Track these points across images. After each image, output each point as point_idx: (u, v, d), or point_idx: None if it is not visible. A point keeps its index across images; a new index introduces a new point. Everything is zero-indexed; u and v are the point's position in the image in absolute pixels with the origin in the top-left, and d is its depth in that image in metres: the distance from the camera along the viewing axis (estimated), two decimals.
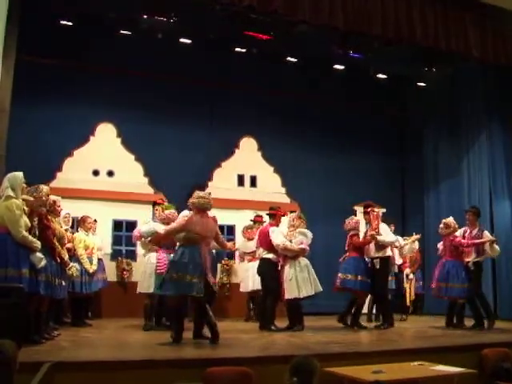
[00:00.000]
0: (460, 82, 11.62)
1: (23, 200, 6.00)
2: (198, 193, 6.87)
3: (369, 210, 9.07)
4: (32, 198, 6.20)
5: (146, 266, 8.25)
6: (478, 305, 8.82)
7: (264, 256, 8.49)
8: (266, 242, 8.46)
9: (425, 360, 5.73)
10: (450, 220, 9.05)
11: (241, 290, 10.22)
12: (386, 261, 9.02)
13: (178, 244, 6.88)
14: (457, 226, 8.98)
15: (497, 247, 8.89)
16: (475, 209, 9.22)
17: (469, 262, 8.83)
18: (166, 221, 8.09)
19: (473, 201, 11.40)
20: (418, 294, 11.69)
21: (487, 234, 8.89)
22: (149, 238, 8.21)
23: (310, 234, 8.60)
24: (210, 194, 7.00)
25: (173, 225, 7.07)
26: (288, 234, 8.45)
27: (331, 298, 9.68)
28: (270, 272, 8.45)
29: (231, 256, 11.23)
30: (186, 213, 7.28)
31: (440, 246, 9.29)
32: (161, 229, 7.88)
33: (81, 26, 10.09)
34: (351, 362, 5.58)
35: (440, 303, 11.63)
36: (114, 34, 10.32)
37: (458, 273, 8.71)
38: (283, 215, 8.91)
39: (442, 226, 9.09)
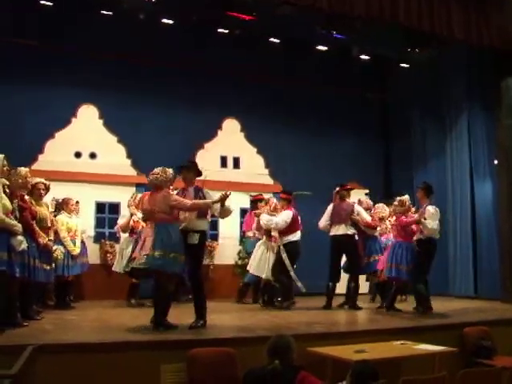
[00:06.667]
0: (443, 64, 11.61)
1: (3, 183, 5.94)
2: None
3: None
4: (12, 181, 6.15)
5: None
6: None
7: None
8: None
9: (407, 339, 5.82)
10: (404, 198, 8.54)
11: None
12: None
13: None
14: (411, 204, 8.59)
15: (427, 224, 7.95)
16: (424, 184, 8.56)
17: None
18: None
19: (455, 181, 11.51)
20: None
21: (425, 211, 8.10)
22: None
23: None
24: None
25: None
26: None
27: (313, 278, 9.71)
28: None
29: (215, 237, 11.29)
30: None
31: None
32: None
33: (61, 5, 9.90)
34: (334, 342, 5.65)
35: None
36: (96, 14, 10.13)
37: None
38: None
39: (396, 203, 8.65)
